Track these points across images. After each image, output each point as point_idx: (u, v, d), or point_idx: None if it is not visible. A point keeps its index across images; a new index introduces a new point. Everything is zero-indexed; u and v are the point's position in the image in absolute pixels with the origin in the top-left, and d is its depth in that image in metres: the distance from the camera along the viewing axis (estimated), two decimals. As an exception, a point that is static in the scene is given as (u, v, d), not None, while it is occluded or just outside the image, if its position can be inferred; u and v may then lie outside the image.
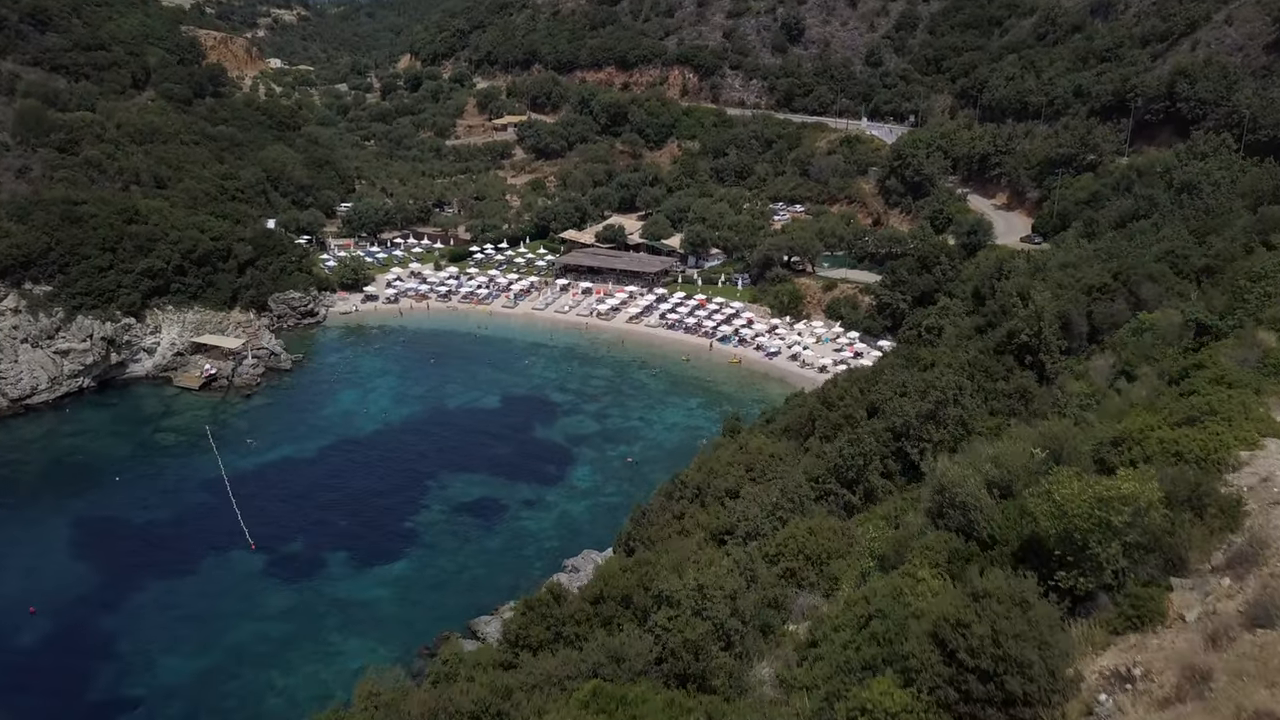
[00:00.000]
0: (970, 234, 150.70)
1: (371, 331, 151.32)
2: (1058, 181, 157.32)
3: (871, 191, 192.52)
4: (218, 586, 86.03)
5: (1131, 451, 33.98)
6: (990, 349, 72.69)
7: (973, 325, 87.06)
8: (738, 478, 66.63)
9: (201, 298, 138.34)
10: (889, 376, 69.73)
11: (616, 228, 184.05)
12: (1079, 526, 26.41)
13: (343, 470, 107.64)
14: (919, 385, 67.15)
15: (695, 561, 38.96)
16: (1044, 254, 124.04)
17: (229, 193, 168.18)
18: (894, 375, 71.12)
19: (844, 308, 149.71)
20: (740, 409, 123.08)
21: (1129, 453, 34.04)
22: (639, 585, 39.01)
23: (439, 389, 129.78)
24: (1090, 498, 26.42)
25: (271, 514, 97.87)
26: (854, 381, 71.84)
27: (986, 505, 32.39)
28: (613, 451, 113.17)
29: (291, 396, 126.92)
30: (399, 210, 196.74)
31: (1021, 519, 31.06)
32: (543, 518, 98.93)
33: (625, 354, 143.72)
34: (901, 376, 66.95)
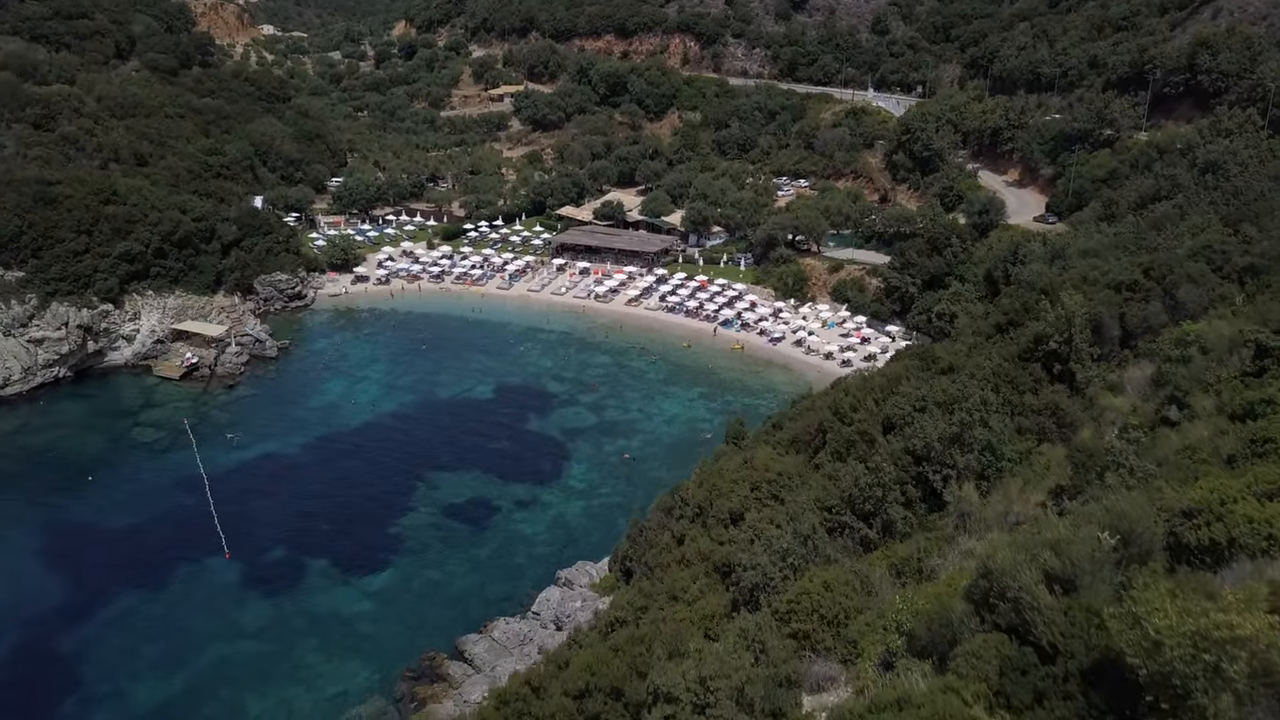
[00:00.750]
0: (982, 213, 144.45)
1: (361, 315, 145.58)
2: (1073, 158, 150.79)
3: (878, 166, 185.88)
4: (190, 600, 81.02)
5: (1211, 529, 28.60)
6: (1015, 355, 67.18)
7: (992, 323, 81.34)
8: (743, 498, 61.35)
9: (183, 282, 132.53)
10: (906, 387, 64.14)
11: (615, 204, 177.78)
12: (1179, 670, 20.99)
13: (327, 468, 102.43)
14: (939, 397, 61.71)
15: (696, 648, 33.70)
16: (1061, 237, 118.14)
17: (213, 169, 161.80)
18: (911, 385, 65.59)
19: (851, 290, 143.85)
20: (743, 401, 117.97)
21: (1208, 529, 28.69)
22: (631, 671, 33.70)
23: (430, 378, 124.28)
24: (1194, 633, 20.98)
25: (251, 517, 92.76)
26: (868, 390, 66.29)
27: (1046, 606, 27.04)
28: (610, 446, 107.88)
29: (276, 386, 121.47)
30: (391, 185, 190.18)
31: (1091, 626, 25.72)
32: (536, 520, 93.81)
33: (623, 339, 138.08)
34: (921, 390, 61.41)
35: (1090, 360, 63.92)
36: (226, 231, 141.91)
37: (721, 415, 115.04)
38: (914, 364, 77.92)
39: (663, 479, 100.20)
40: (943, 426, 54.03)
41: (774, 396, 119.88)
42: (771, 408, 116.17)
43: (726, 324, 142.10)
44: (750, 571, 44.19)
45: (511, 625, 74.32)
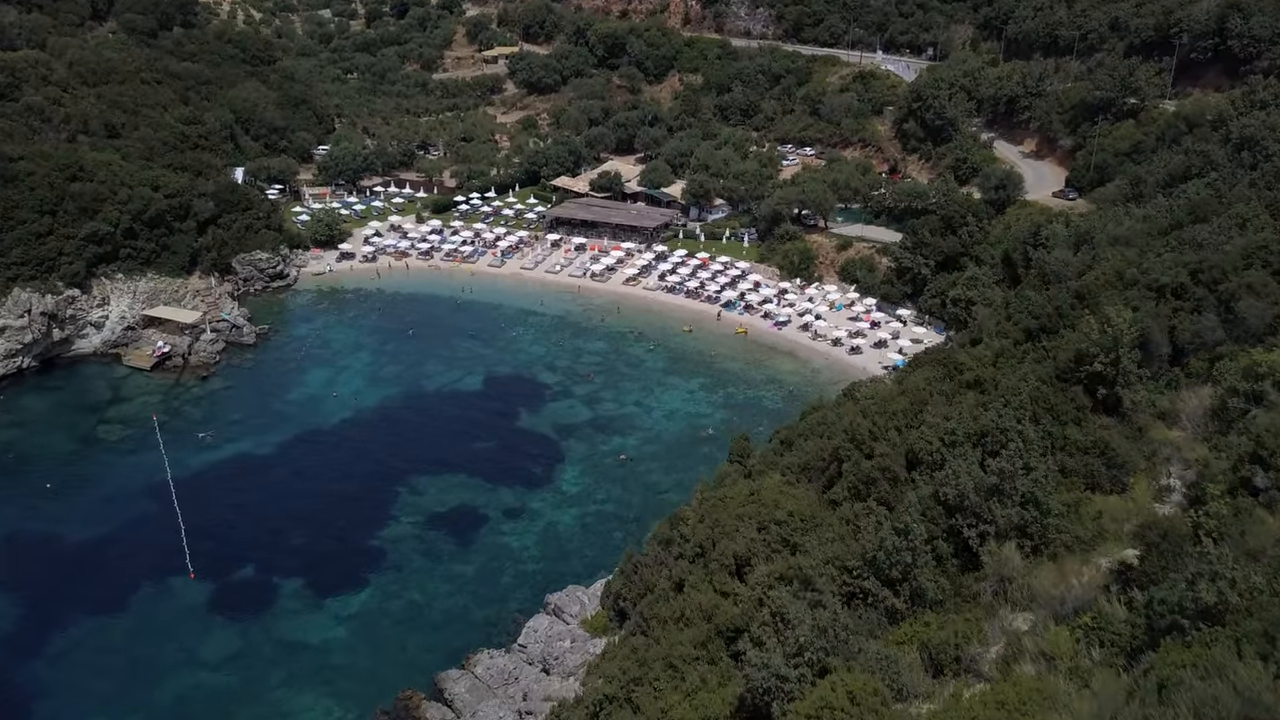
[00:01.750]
0: (998, 188, 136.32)
1: (346, 296, 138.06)
2: (1095, 130, 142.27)
3: (887, 135, 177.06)
4: (151, 626, 74.77)
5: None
6: (1053, 375, 60.06)
7: (1021, 327, 74.04)
8: (749, 540, 54.60)
9: (155, 263, 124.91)
10: (932, 412, 57.10)
11: (612, 175, 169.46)
12: None
13: (305, 471, 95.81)
14: (970, 428, 54.71)
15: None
16: (1086, 219, 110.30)
17: (191, 140, 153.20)
18: (937, 410, 58.50)
19: (860, 270, 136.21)
20: (746, 394, 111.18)
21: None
22: None
23: (416, 367, 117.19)
24: None
25: (221, 528, 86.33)
26: (888, 415, 59.26)
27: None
28: (605, 445, 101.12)
29: (253, 377, 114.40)
30: (380, 154, 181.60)
31: None
32: (526, 531, 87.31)
33: (621, 323, 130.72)
34: (950, 419, 54.36)
35: (1139, 383, 56.95)
36: (203, 208, 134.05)
37: (724, 409, 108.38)
38: (936, 374, 70.89)
39: (661, 483, 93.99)
40: (979, 475, 47.10)
41: (779, 389, 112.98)
42: (776, 402, 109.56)
43: (729, 306, 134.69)
44: (761, 672, 37.52)
45: (496, 660, 67.99)
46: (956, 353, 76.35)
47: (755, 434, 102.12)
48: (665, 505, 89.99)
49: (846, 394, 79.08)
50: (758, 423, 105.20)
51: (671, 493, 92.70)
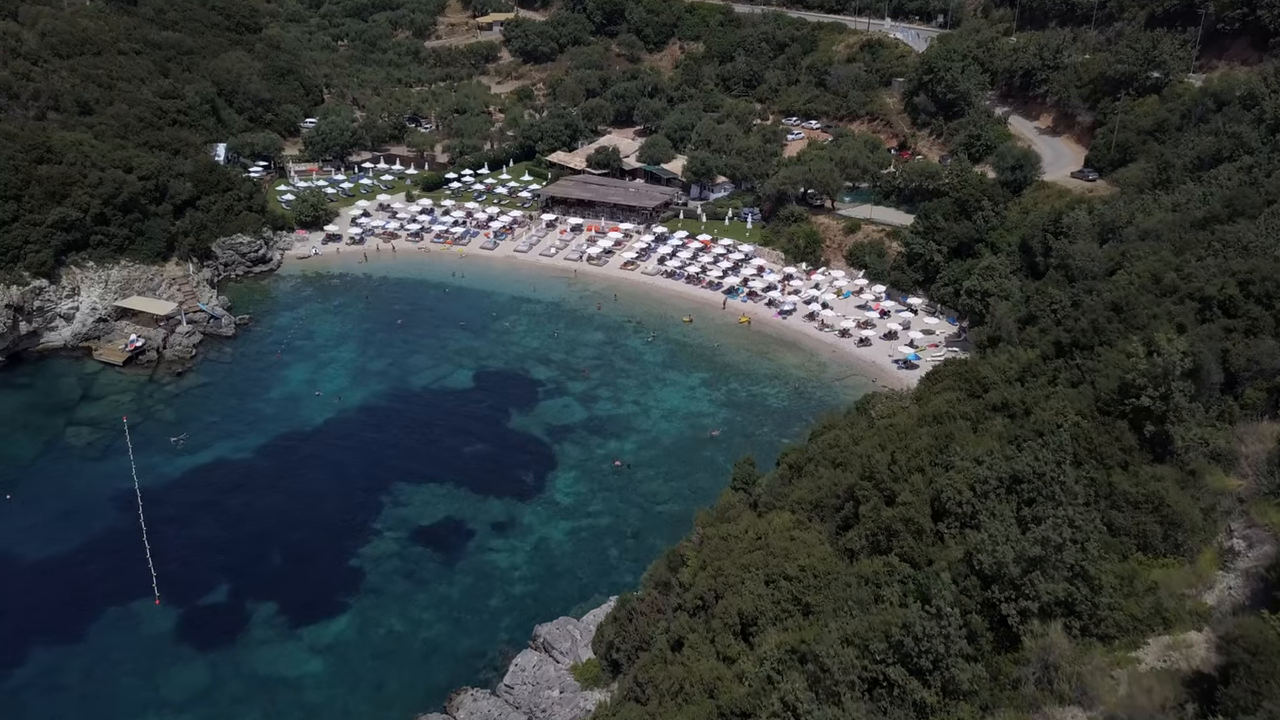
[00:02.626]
0: (1015, 169, 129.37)
1: (331, 282, 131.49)
2: (1116, 106, 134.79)
3: (896, 108, 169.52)
4: (113, 657, 69.30)
5: None
6: (1094, 406, 53.96)
7: (1051, 340, 67.70)
8: (756, 597, 48.81)
9: (129, 250, 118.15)
10: (959, 452, 51.00)
11: (610, 150, 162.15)
12: None
13: (282, 479, 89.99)
14: (1003, 472, 48.71)
15: None
16: (1111, 207, 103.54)
17: (169, 116, 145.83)
18: (964, 442, 52.36)
19: (868, 255, 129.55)
20: (749, 390, 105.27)
21: None
22: None
23: (403, 361, 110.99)
24: None
25: (191, 545, 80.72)
26: (910, 453, 53.11)
27: None
28: (600, 449, 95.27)
29: (231, 373, 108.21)
30: (369, 127, 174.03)
31: None
32: (515, 548, 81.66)
33: (618, 311, 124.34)
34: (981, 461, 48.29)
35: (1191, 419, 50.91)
36: (180, 189, 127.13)
37: (726, 408, 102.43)
38: (958, 395, 64.76)
39: (659, 493, 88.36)
40: (1018, 539, 41.19)
41: (784, 385, 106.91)
42: (781, 400, 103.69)
43: (731, 293, 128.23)
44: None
45: (480, 704, 62.55)
46: (979, 365, 70.16)
47: (759, 437, 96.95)
48: (664, 519, 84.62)
49: (859, 408, 73.01)
50: (761, 424, 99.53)
51: (671, 503, 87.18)
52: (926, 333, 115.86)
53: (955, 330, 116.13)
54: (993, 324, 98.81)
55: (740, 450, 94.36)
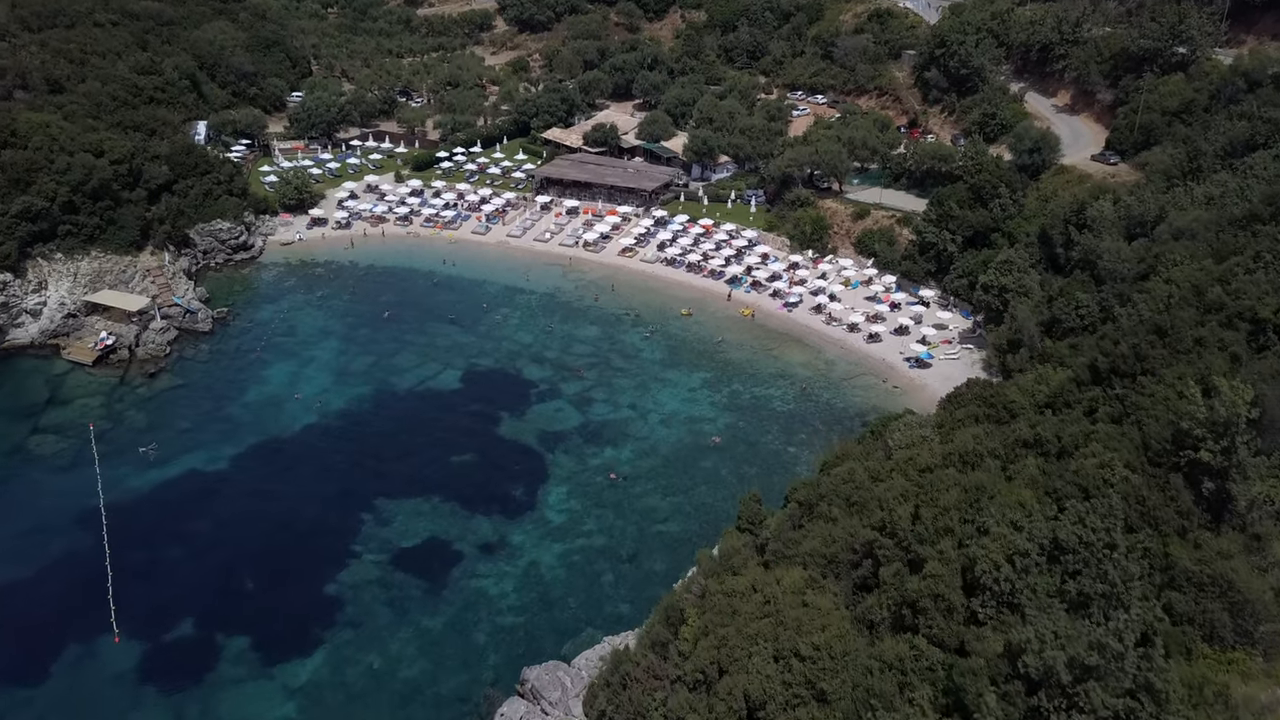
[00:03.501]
0: (1032, 151, 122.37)
1: (316, 271, 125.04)
2: (1140, 84, 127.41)
3: (906, 82, 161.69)
4: (70, 701, 63.96)
5: None
6: (1143, 455, 48.06)
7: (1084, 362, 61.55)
8: (764, 679, 43.18)
9: (100, 240, 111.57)
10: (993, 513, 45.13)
11: (608, 128, 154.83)
12: None
13: (259, 493, 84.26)
14: (1044, 537, 42.97)
15: None
16: (1139, 199, 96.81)
17: (145, 93, 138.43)
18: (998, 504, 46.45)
19: (878, 242, 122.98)
20: (753, 392, 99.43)
21: None
22: None
23: (388, 360, 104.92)
24: None
25: (157, 570, 75.19)
26: (937, 509, 47.26)
27: None
28: (595, 459, 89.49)
29: (208, 373, 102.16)
30: (358, 102, 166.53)
31: None
32: (504, 573, 76.08)
33: (615, 304, 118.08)
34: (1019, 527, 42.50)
35: (1254, 474, 45.07)
36: (155, 173, 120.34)
37: (728, 412, 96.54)
38: (985, 428, 58.81)
39: (657, 509, 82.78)
40: (1070, 637, 35.47)
41: (789, 386, 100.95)
42: (787, 402, 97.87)
43: (734, 282, 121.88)
44: None
45: (463, 762, 57.44)
46: (1005, 388, 64.14)
47: (763, 445, 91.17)
48: (662, 539, 79.11)
49: (874, 433, 67.20)
50: (766, 430, 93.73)
51: (670, 521, 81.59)
52: (939, 327, 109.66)
53: (970, 325, 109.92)
54: (1013, 325, 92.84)
55: (744, 460, 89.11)
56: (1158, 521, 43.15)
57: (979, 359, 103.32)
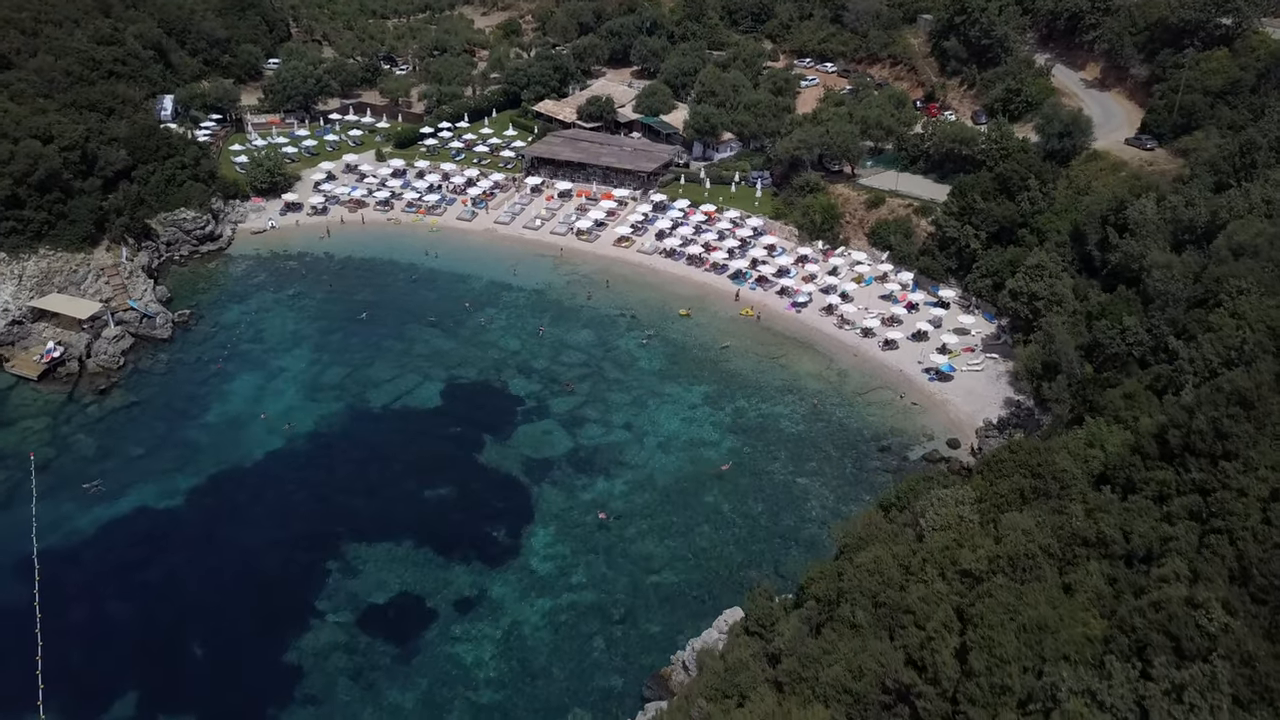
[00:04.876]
0: (1063, 136, 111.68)
1: (288, 264, 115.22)
2: (1179, 59, 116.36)
3: (922, 50, 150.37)
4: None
5: None
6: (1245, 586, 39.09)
7: (1151, 429, 52.31)
8: None
9: (49, 236, 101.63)
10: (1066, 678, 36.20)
11: (604, 101, 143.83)
12: None
13: (213, 537, 75.48)
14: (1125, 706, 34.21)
15: None
16: (1186, 199, 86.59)
17: (104, 66, 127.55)
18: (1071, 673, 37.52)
19: (894, 234, 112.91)
20: (759, 409, 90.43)
21: None
22: None
23: (363, 372, 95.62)
24: None
25: (95, 631, 66.64)
26: (988, 648, 38.42)
27: None
28: (586, 492, 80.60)
29: (165, 388, 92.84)
30: (338, 71, 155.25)
31: None
32: (483, 636, 67.49)
33: (610, 302, 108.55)
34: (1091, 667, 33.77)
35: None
36: (112, 158, 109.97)
37: (732, 435, 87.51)
38: (1034, 515, 49.69)
39: (653, 556, 74.23)
40: None
41: (799, 402, 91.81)
42: (796, 422, 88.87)
43: (738, 278, 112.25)
44: None
45: None
46: (1052, 452, 54.86)
47: (770, 475, 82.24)
48: (658, 594, 70.53)
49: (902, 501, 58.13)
50: (774, 456, 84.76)
51: (667, 571, 72.96)
52: (960, 333, 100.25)
53: (994, 330, 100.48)
54: (1046, 344, 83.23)
55: (749, 494, 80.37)
56: (1274, 695, 34.39)
57: (1005, 371, 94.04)
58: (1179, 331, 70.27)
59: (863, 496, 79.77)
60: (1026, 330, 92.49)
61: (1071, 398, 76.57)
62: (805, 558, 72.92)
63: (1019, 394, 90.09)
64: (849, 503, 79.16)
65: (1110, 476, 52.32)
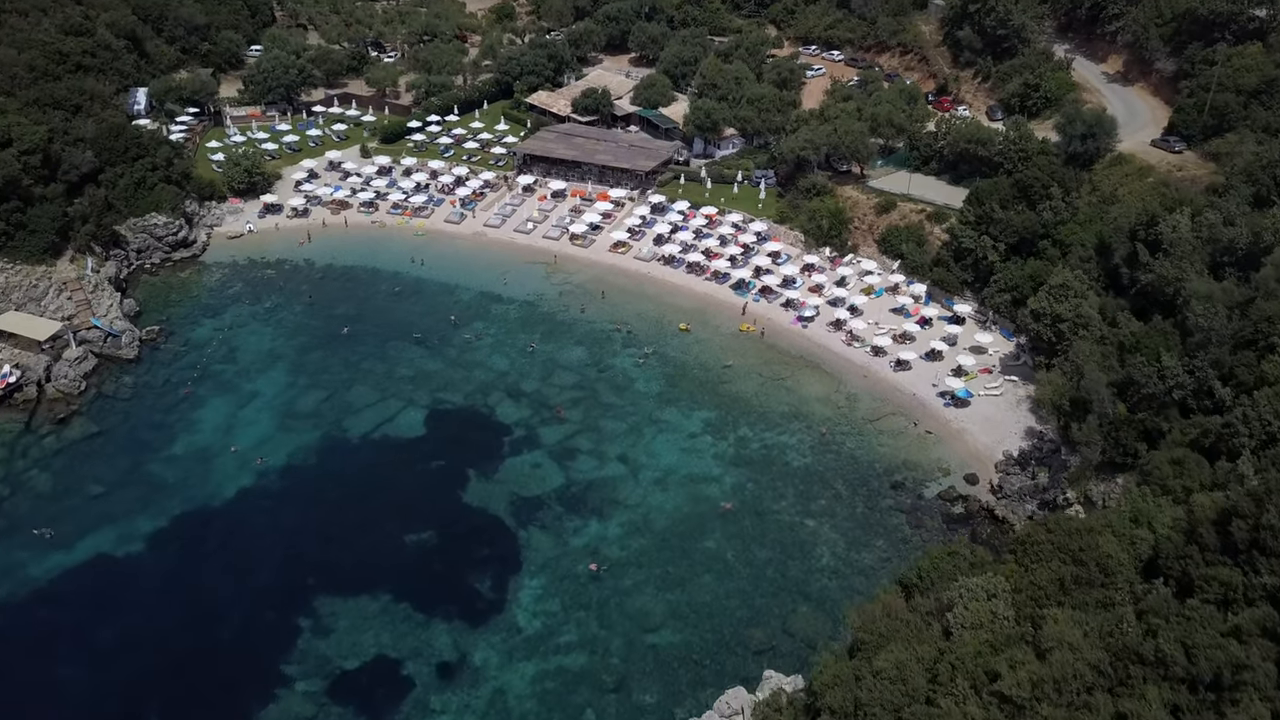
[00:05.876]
0: (1085, 137, 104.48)
1: (266, 273, 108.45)
2: (1209, 54, 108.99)
3: (933, 38, 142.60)
4: None
5: None
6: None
7: (1210, 514, 46.06)
8: None
9: (7, 248, 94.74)
10: None
11: (600, 93, 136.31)
12: None
13: (176, 589, 69.40)
14: None
15: None
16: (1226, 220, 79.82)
17: (71, 59, 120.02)
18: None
19: (905, 242, 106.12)
20: (763, 439, 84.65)
21: None
22: None
23: (342, 395, 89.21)
24: None
25: (40, 701, 61.02)
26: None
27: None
28: (577, 537, 74.48)
29: (129, 415, 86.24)
30: (323, 59, 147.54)
31: None
32: (466, 707, 61.49)
33: (605, 314, 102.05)
34: None
35: None
36: (77, 161, 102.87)
37: (735, 468, 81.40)
38: (1079, 620, 43.61)
39: (651, 613, 68.49)
40: None
41: (806, 430, 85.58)
42: (803, 454, 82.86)
43: (740, 288, 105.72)
44: None
45: None
46: (1095, 534, 48.64)
47: (776, 515, 76.15)
48: (655, 658, 64.64)
49: (924, 582, 52.00)
50: (780, 493, 78.72)
51: (665, 629, 67.07)
52: (977, 351, 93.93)
53: (1012, 348, 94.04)
54: (1075, 379, 76.76)
55: (753, 538, 74.46)
56: None
57: (1025, 396, 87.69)
58: (1225, 375, 63.92)
59: (875, 542, 73.93)
60: (1049, 353, 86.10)
61: (1103, 439, 70.34)
62: (814, 615, 67.53)
63: (1041, 423, 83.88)
64: (860, 549, 73.28)
65: (1163, 567, 46.29)
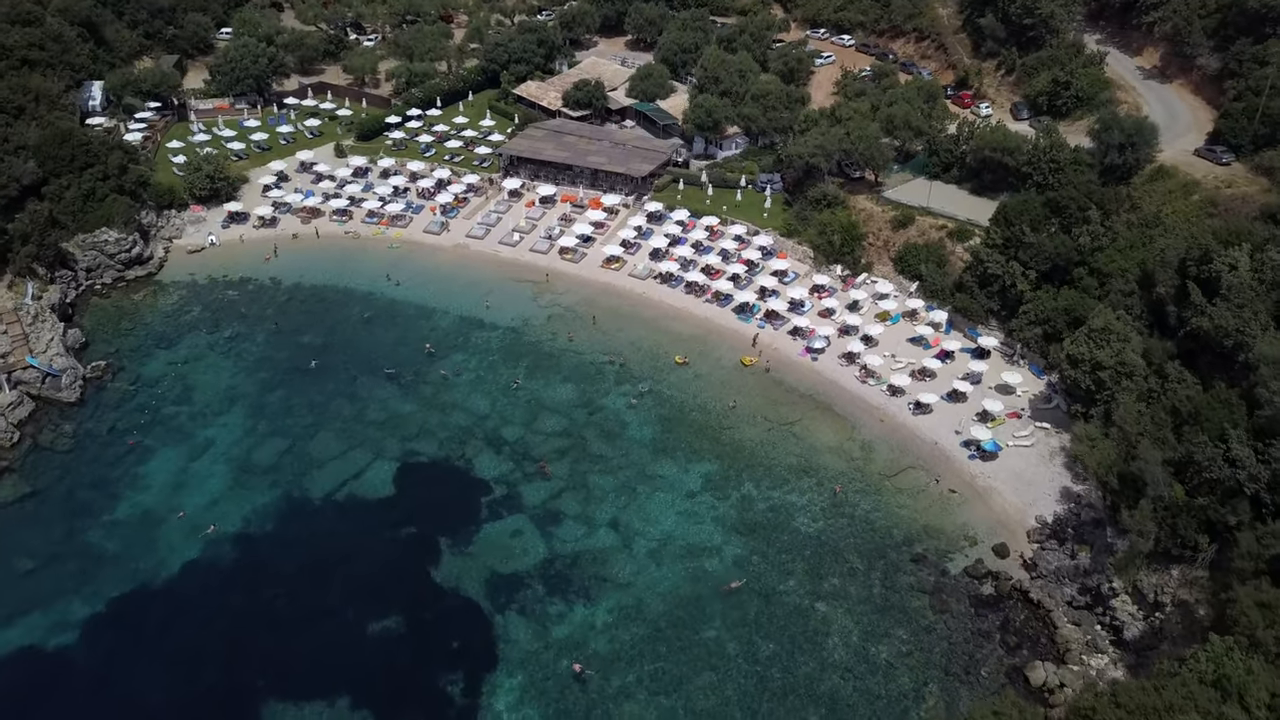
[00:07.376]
0: (1123, 147, 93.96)
1: (228, 294, 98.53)
2: (1265, 55, 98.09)
3: (952, 24, 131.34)
4: None
5: None
6: None
7: None
8: None
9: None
10: None
11: (593, 85, 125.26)
12: None
13: (106, 693, 60.67)
14: None
15: None
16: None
17: (16, 54, 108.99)
18: None
19: (924, 262, 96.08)
20: (769, 497, 75.72)
21: None
22: None
23: (303, 446, 79.69)
24: None
25: None
26: None
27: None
28: (560, 626, 65.48)
29: (67, 471, 76.73)
30: (297, 44, 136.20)
31: None
32: None
33: (596, 343, 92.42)
34: None
35: None
36: (18, 172, 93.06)
37: (738, 536, 72.32)
38: None
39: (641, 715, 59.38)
40: None
41: (816, 489, 76.36)
42: (814, 519, 74.12)
43: (743, 311, 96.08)
44: None
45: None
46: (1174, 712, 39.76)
47: (782, 596, 67.18)
48: (648, 789, 56.18)
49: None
50: (789, 569, 69.80)
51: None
52: (1004, 390, 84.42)
53: (1043, 388, 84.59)
54: (1123, 446, 67.39)
55: (758, 627, 65.51)
56: None
57: (1059, 448, 78.39)
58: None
59: (894, 631, 65.12)
60: (1087, 401, 76.72)
61: (1157, 527, 61.20)
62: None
63: (1077, 481, 74.71)
64: (877, 640, 64.49)
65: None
